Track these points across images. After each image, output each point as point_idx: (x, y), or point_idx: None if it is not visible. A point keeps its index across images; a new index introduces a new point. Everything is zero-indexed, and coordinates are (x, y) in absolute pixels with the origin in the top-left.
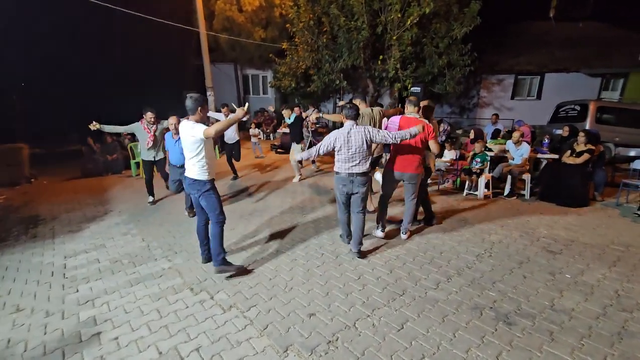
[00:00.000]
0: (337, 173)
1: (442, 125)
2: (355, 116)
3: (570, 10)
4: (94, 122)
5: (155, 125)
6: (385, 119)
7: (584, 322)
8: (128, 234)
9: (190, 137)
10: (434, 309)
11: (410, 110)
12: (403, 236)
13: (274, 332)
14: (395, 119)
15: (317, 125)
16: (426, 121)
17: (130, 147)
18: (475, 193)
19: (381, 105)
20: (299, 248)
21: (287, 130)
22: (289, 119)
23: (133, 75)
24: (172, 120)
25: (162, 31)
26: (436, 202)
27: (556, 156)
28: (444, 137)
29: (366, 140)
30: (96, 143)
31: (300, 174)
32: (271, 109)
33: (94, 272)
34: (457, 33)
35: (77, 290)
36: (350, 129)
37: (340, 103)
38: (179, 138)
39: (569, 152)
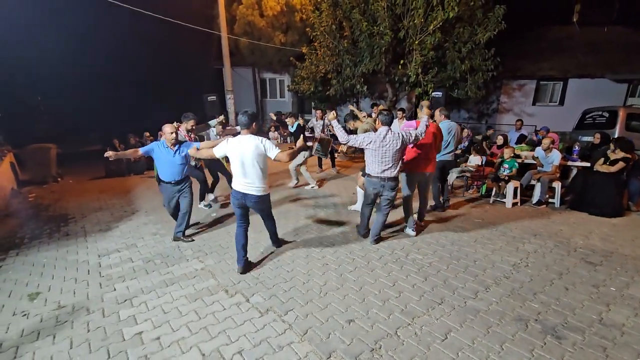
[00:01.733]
0: (368, 175)
1: (465, 130)
2: (390, 122)
3: (594, 14)
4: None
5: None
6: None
7: (638, 338)
8: (157, 234)
9: (260, 151)
10: (476, 319)
11: (421, 114)
12: (411, 231)
13: (315, 337)
14: (412, 124)
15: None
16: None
17: None
18: (503, 200)
19: (402, 110)
20: (328, 253)
21: (309, 134)
22: (292, 127)
23: (154, 78)
24: (169, 128)
25: (183, 35)
26: (463, 209)
27: (588, 164)
28: (466, 143)
29: (403, 145)
30: (120, 144)
31: (317, 182)
32: (272, 117)
33: (129, 272)
34: (480, 38)
35: (115, 289)
36: (386, 134)
37: (350, 107)
38: (178, 149)
39: (602, 160)
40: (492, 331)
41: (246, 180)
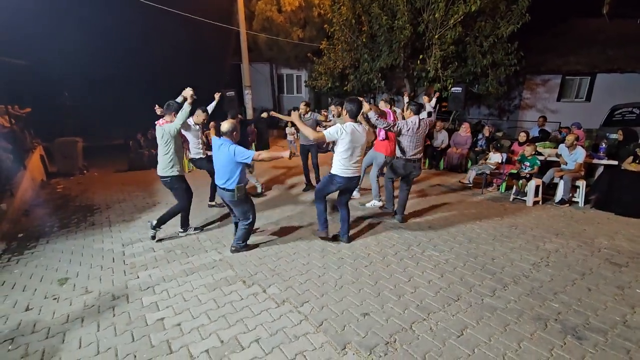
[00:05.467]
0: (400, 159)
1: (485, 127)
2: (419, 111)
3: (626, 6)
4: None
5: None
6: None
7: None
8: (177, 226)
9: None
10: (493, 317)
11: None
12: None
13: (330, 329)
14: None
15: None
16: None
17: None
18: (524, 199)
19: (421, 105)
20: (344, 247)
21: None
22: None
23: (175, 73)
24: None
25: (202, 32)
26: (481, 207)
27: (615, 162)
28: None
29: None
30: (144, 139)
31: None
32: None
33: (151, 260)
34: (503, 31)
35: (138, 277)
36: (419, 120)
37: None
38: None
39: (630, 158)
40: (510, 329)
41: (358, 165)
